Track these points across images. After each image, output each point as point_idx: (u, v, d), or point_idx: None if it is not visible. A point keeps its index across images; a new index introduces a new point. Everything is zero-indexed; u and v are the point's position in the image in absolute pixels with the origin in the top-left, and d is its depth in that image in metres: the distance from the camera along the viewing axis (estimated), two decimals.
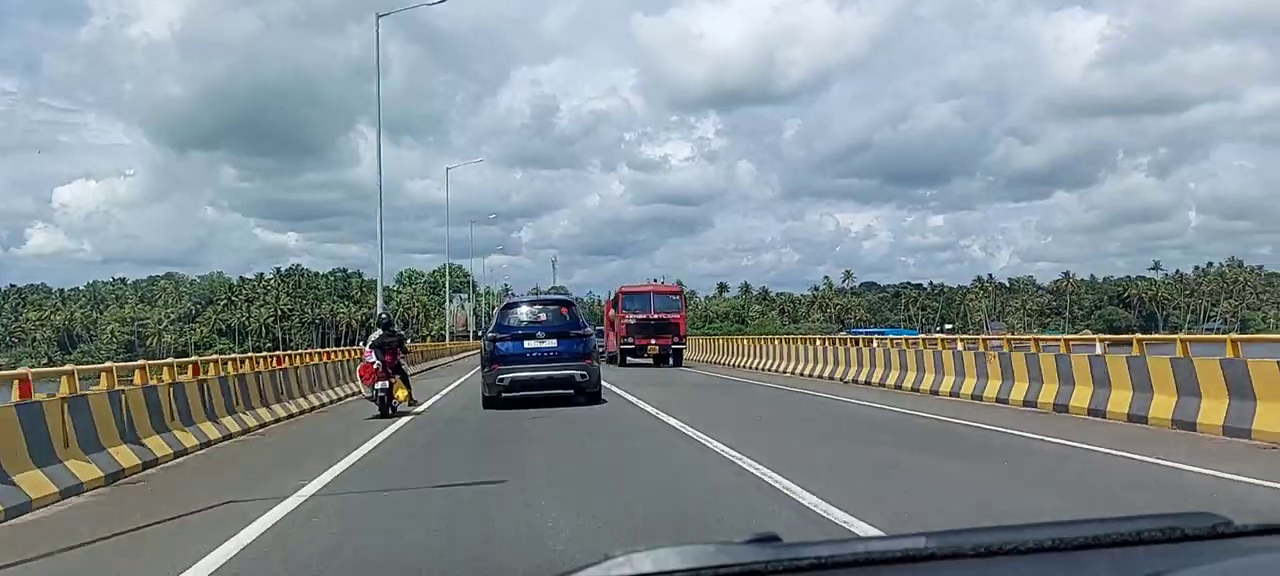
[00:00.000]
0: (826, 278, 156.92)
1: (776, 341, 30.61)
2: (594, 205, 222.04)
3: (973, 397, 15.87)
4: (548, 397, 14.69)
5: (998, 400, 15.05)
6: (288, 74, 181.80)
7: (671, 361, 31.83)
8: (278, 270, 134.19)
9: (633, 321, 31.95)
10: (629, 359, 31.87)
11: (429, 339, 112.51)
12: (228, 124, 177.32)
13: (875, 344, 21.88)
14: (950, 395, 16.71)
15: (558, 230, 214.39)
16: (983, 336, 19.86)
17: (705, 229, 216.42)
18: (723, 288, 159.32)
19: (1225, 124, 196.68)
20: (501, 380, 14.04)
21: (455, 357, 49.13)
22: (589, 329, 14.90)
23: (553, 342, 14.08)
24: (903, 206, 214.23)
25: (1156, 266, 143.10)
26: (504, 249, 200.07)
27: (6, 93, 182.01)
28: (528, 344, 14.08)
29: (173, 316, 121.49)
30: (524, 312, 14.92)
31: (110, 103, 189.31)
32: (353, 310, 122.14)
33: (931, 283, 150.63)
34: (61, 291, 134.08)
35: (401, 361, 14.80)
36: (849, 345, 23.23)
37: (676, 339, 32.40)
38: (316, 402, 16.65)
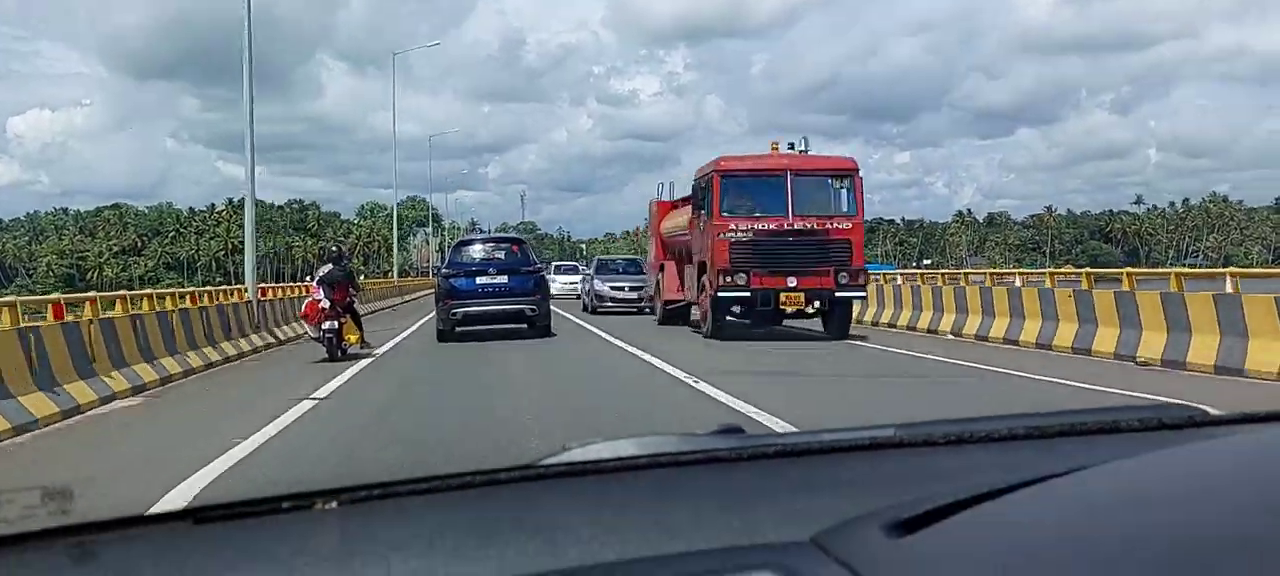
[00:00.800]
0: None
1: None
2: (562, 140, 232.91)
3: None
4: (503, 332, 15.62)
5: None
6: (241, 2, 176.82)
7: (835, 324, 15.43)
8: (229, 201, 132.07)
9: (744, 239, 14.73)
10: (729, 317, 15.47)
11: (387, 275, 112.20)
12: (187, 54, 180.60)
13: None
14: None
15: (526, 166, 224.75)
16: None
17: (673, 166, 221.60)
18: None
19: (1187, 63, 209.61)
20: (455, 314, 15.07)
21: (413, 296, 44.22)
22: (538, 265, 16.15)
23: (504, 278, 15.02)
24: (870, 142, 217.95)
25: (1140, 201, 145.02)
26: (469, 185, 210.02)
27: None
28: (480, 280, 15.04)
29: (115, 249, 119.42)
30: (476, 250, 15.99)
31: (65, 31, 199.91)
32: (310, 243, 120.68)
33: (904, 218, 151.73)
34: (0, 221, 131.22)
35: (353, 299, 14.03)
36: None
37: (846, 274, 14.77)
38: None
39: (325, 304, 13.34)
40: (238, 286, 16.95)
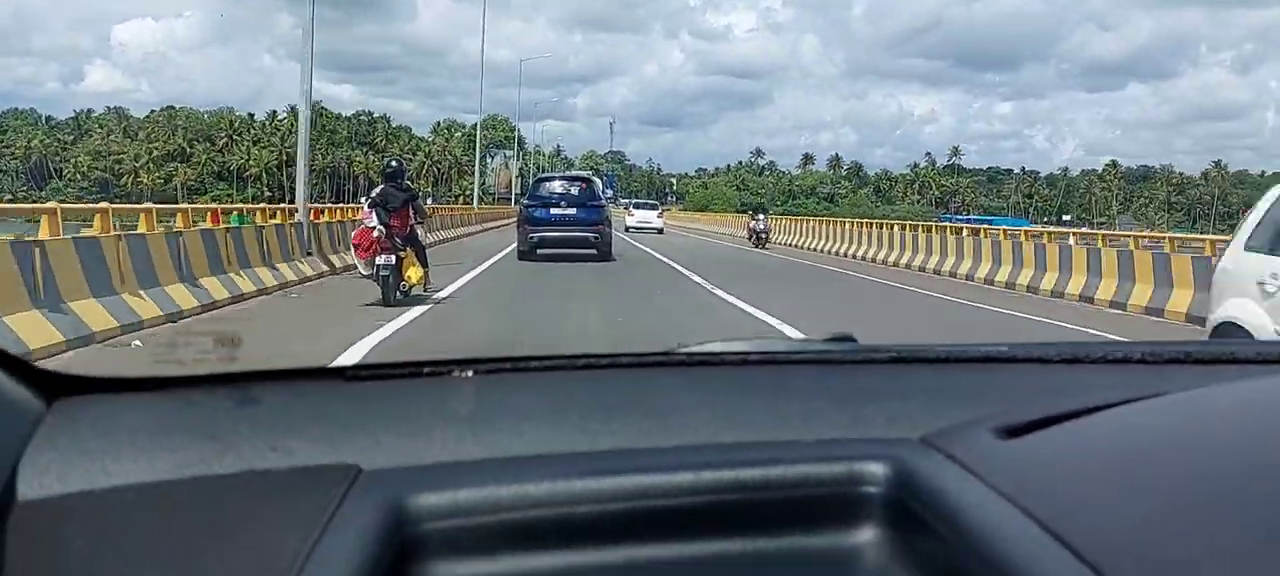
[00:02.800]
0: (929, 156, 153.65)
1: (872, 226, 29.75)
2: (653, 74, 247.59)
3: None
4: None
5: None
6: None
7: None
8: (290, 108, 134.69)
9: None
10: None
11: (459, 200, 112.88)
12: None
13: (981, 235, 21.98)
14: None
15: (615, 98, 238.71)
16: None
17: (764, 104, 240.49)
18: (808, 159, 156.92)
19: None
20: (532, 237, 19.18)
21: (492, 225, 41.99)
22: (603, 201, 20.76)
23: (574, 210, 19.49)
24: (970, 91, 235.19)
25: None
26: (557, 115, 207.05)
27: None
28: (554, 211, 19.53)
29: (158, 154, 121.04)
30: (554, 186, 20.51)
31: None
32: (373, 159, 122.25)
33: (1027, 169, 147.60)
34: (47, 119, 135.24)
35: (416, 228, 12.23)
36: (948, 234, 23.41)
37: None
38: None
39: (379, 231, 11.33)
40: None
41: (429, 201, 34.40)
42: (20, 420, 0.80)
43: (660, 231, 42.98)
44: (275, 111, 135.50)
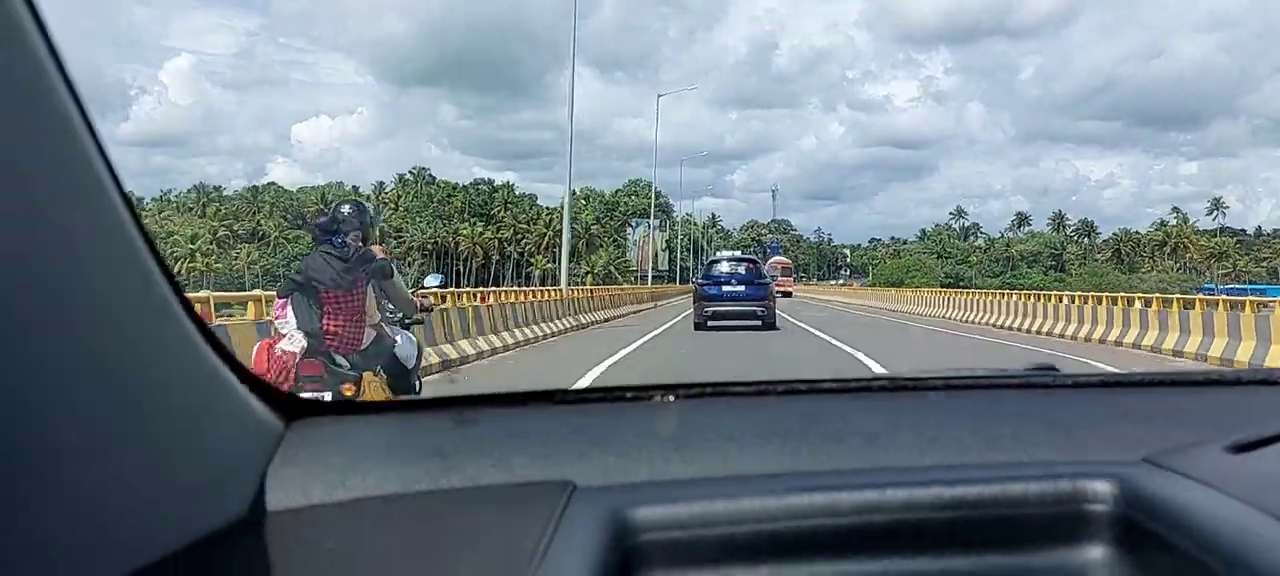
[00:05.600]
0: (1177, 211, 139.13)
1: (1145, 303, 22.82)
2: (811, 147, 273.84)
3: None
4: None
5: None
6: (502, 8, 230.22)
7: None
8: (400, 177, 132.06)
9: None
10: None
11: (589, 277, 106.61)
12: (446, 61, 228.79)
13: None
14: None
15: (773, 172, 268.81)
16: None
17: (929, 174, 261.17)
18: (1022, 220, 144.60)
19: None
20: (707, 310, 24.11)
21: (635, 310, 38.81)
22: (767, 278, 26.14)
23: (742, 288, 24.36)
24: (1149, 152, 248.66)
25: None
26: (715, 192, 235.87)
27: (249, 32, 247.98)
28: (725, 288, 24.43)
29: (222, 234, 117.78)
30: (723, 266, 25.44)
31: (341, 42, 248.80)
32: (484, 231, 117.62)
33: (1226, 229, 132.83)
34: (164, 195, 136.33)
35: (388, 328, 7.10)
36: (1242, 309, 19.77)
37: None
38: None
39: (292, 348, 6.26)
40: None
41: (528, 291, 27.18)
42: (266, 437, 0.97)
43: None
44: (382, 183, 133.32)
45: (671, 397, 1.13)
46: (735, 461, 1.00)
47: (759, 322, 23.42)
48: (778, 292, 50.46)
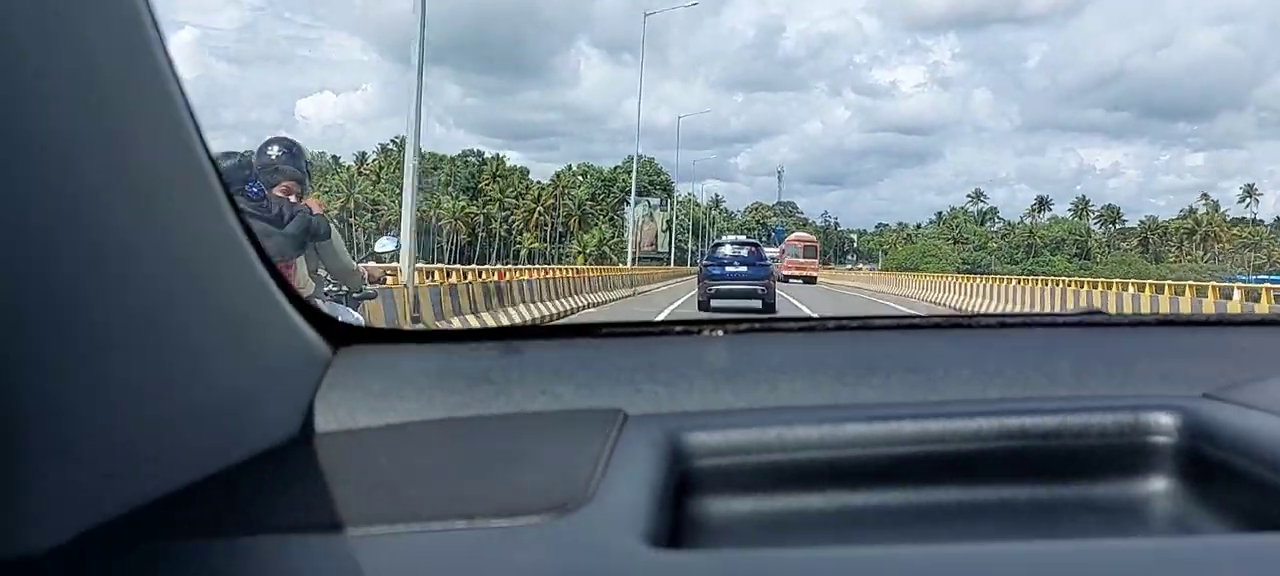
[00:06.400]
0: (1206, 198, 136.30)
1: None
2: (816, 132, 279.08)
3: None
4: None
5: None
6: None
7: None
8: (381, 147, 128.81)
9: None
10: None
11: (580, 257, 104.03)
12: (451, 40, 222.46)
13: None
14: None
15: (777, 157, 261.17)
16: None
17: (934, 161, 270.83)
18: (1043, 204, 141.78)
19: None
20: (711, 289, 25.56)
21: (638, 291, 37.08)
22: (768, 261, 27.75)
23: (744, 269, 26.14)
24: (1156, 142, 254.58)
25: None
26: (718, 174, 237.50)
27: (254, 6, 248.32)
28: (728, 269, 26.21)
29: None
30: (727, 249, 27.44)
31: (346, 19, 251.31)
32: (467, 206, 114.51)
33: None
34: None
35: (339, 298, 5.59)
36: None
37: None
38: None
39: None
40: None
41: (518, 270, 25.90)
42: (314, 362, 1.00)
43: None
44: (365, 154, 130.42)
45: (720, 332, 1.16)
46: (787, 392, 1.02)
47: (759, 303, 24.99)
48: (798, 277, 52.16)
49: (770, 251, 74.35)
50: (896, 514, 0.93)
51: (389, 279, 14.98)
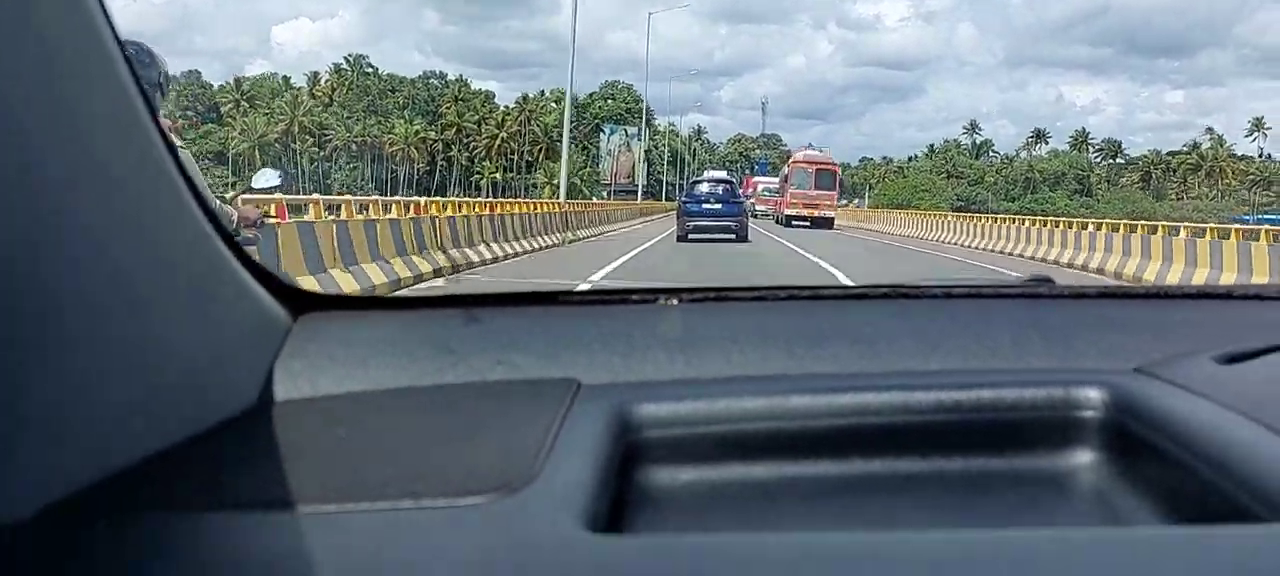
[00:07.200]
0: (1211, 132, 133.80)
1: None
2: (799, 65, 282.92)
3: None
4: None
5: None
6: None
7: None
8: (335, 66, 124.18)
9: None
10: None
11: (548, 189, 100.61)
12: None
13: None
14: None
15: (760, 90, 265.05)
16: None
17: (916, 96, 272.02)
18: (1041, 136, 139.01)
19: None
20: (689, 224, 28.93)
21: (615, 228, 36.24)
22: (741, 198, 32.02)
23: (719, 205, 29.77)
24: (1136, 79, 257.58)
25: None
26: (702, 109, 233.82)
27: None
28: (705, 205, 29.83)
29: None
30: (704, 187, 31.16)
31: None
32: (423, 130, 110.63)
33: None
34: None
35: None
36: None
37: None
38: None
39: None
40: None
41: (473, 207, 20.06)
42: (274, 330, 1.03)
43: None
44: (317, 74, 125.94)
45: (675, 300, 1.21)
46: (737, 362, 1.08)
47: (733, 236, 28.58)
48: (804, 219, 47.35)
49: (769, 181, 64.77)
50: (835, 484, 0.99)
51: (273, 219, 11.69)
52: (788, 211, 49.29)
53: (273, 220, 11.23)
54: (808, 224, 46.95)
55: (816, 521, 0.96)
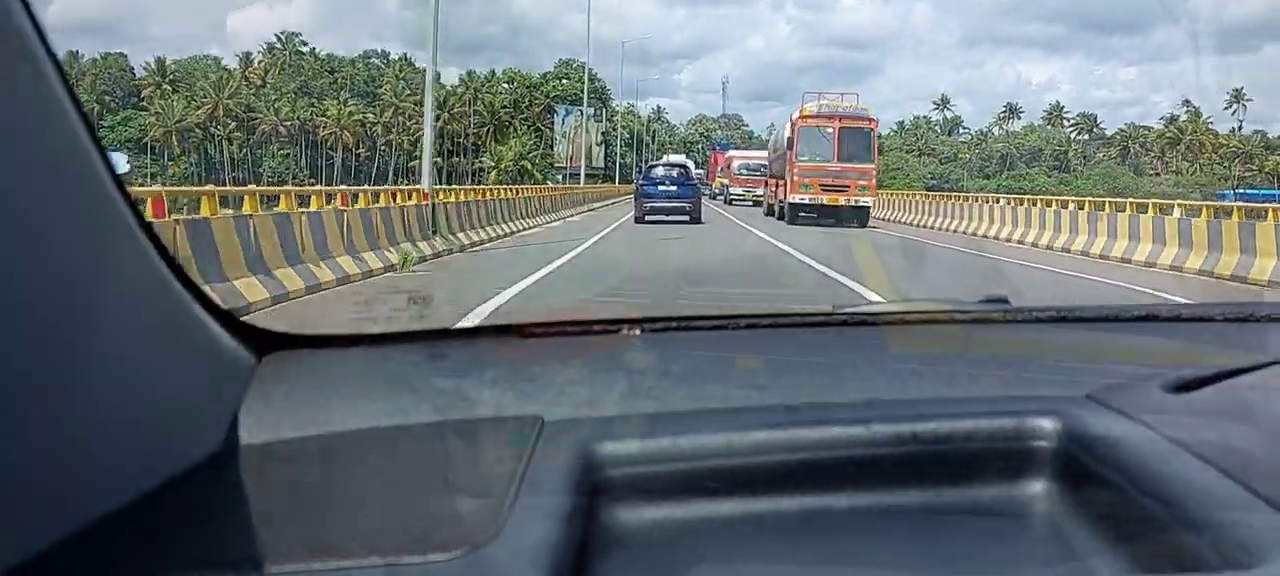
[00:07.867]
0: (1188, 104, 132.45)
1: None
2: (758, 47, 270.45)
3: None
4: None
5: None
6: None
7: None
8: (268, 45, 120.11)
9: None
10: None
11: (494, 174, 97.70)
12: None
13: None
14: None
15: (719, 72, 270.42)
16: None
17: (873, 76, 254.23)
18: (1013, 111, 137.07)
19: None
20: (645, 206, 30.64)
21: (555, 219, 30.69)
22: (695, 181, 33.20)
23: (675, 188, 31.17)
24: (1091, 56, 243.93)
25: None
26: (661, 92, 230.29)
27: None
28: (660, 188, 31.30)
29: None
30: (659, 171, 32.99)
31: None
32: (356, 113, 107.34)
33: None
34: None
35: None
36: None
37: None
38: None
39: None
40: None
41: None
42: (238, 373, 1.04)
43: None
44: (249, 54, 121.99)
45: (638, 331, 1.25)
46: (699, 395, 1.10)
47: (687, 217, 30.02)
48: (835, 209, 28.94)
49: (749, 155, 63.37)
50: (797, 519, 1.01)
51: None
52: (793, 198, 31.76)
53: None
54: (833, 221, 30.30)
55: (780, 559, 0.98)
